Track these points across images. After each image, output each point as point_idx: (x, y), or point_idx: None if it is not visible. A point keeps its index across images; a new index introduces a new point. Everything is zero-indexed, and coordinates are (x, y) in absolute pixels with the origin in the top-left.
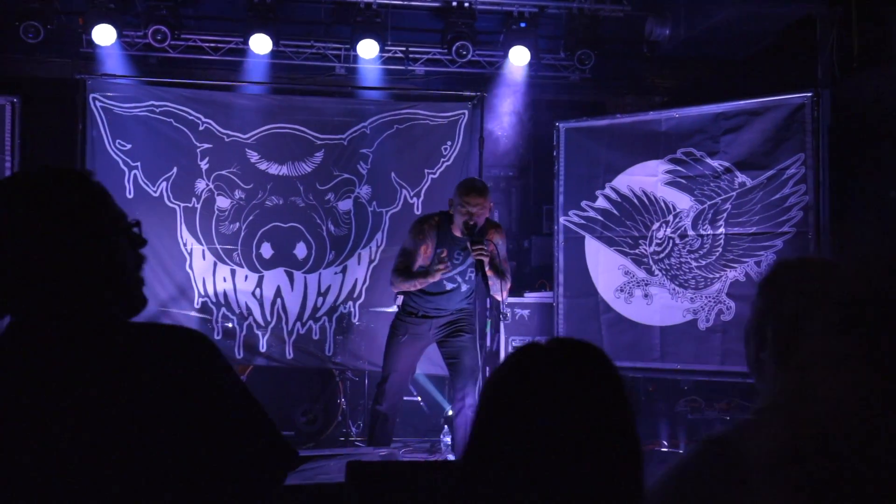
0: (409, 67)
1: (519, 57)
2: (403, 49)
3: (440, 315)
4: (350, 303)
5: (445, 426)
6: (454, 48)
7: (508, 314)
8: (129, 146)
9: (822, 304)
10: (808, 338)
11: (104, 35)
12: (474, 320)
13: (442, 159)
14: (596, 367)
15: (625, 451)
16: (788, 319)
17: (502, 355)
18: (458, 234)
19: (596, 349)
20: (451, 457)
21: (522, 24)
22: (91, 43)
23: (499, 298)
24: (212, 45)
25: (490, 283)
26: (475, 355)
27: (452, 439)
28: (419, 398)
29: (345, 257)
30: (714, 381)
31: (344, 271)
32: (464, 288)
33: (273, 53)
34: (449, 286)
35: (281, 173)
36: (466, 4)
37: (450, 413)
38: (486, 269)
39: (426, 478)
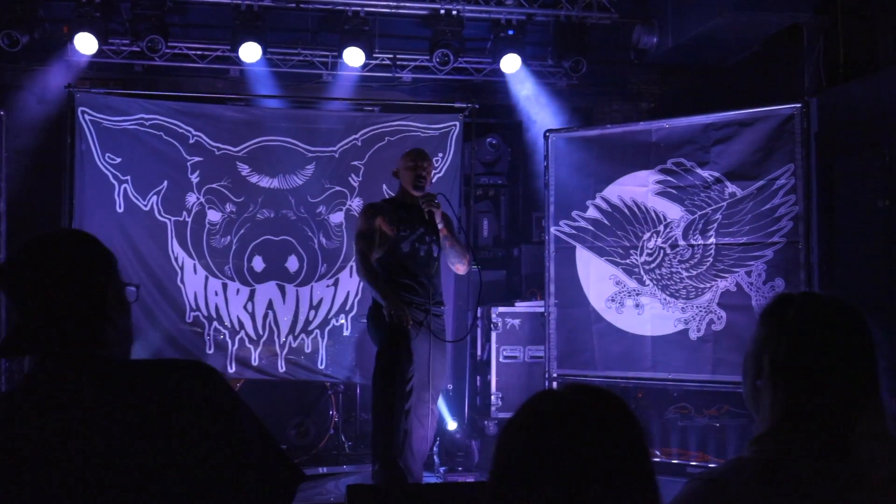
0: (397, 75)
1: (510, 64)
2: (391, 57)
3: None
4: (342, 315)
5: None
6: (435, 55)
7: (500, 323)
8: (118, 160)
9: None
10: (796, 366)
11: (86, 44)
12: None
13: (434, 171)
14: (613, 415)
15: (643, 499)
16: (784, 349)
17: (493, 365)
18: (411, 190)
19: (613, 396)
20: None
21: (510, 32)
22: (76, 51)
23: (459, 268)
24: (198, 52)
25: (448, 243)
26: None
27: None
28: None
29: (337, 270)
30: (705, 389)
31: (336, 284)
32: (436, 252)
33: (260, 61)
34: (422, 250)
35: (272, 186)
36: (454, 12)
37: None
38: (440, 225)
39: (426, 501)
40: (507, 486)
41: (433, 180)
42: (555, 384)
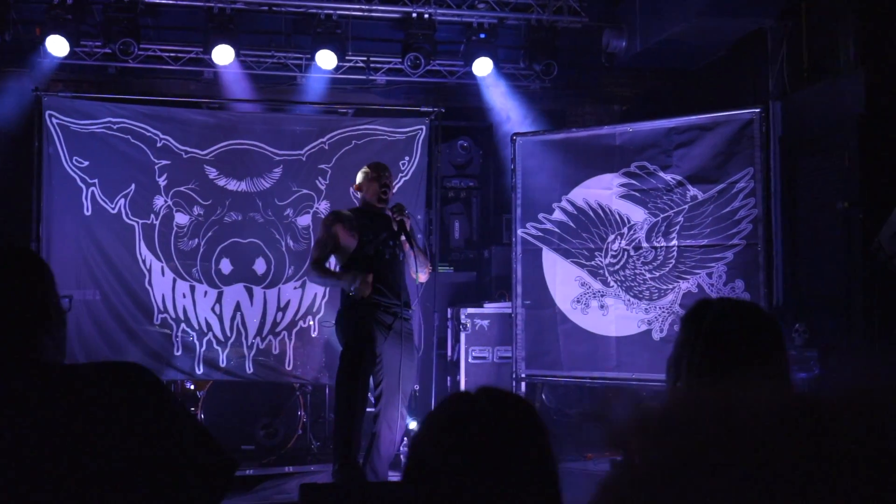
0: (370, 77)
1: (482, 67)
2: (364, 59)
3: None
4: (309, 317)
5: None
6: (406, 59)
7: (468, 324)
8: (86, 163)
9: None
10: (710, 369)
11: (57, 46)
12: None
13: (400, 174)
14: (519, 417)
15: (544, 496)
16: (699, 353)
17: (462, 365)
18: (375, 203)
19: (520, 400)
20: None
21: (482, 35)
22: (48, 53)
23: (420, 277)
24: (171, 54)
25: (412, 252)
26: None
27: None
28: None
29: (304, 272)
30: None
31: (303, 286)
32: (401, 256)
33: (233, 63)
34: (387, 253)
35: (240, 189)
36: (426, 16)
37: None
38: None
39: (380, 499)
40: (416, 483)
41: (399, 184)
42: (523, 385)
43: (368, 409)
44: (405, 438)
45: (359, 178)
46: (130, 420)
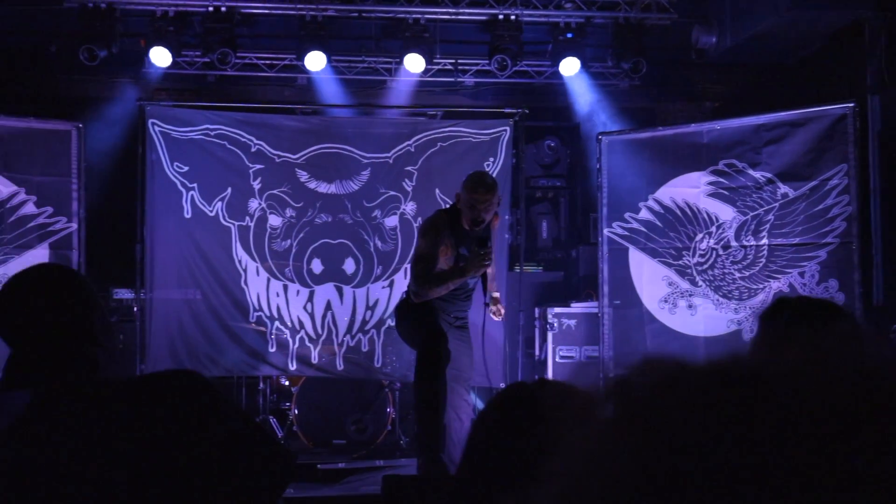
0: (458, 80)
1: (569, 67)
2: (452, 62)
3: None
4: None
5: None
6: (493, 60)
7: (556, 324)
8: (186, 168)
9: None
10: None
11: (160, 57)
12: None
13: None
14: (564, 405)
15: None
16: (775, 351)
17: (550, 365)
18: (468, 227)
19: (573, 390)
20: None
21: (569, 35)
22: (152, 63)
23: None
24: (266, 62)
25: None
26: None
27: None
28: None
29: (392, 272)
30: None
31: (391, 285)
32: (478, 284)
33: (325, 69)
34: (471, 283)
35: (329, 192)
36: (513, 17)
37: None
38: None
39: (456, 491)
40: (470, 476)
41: None
42: None
43: None
44: None
45: (461, 188)
46: (187, 424)
